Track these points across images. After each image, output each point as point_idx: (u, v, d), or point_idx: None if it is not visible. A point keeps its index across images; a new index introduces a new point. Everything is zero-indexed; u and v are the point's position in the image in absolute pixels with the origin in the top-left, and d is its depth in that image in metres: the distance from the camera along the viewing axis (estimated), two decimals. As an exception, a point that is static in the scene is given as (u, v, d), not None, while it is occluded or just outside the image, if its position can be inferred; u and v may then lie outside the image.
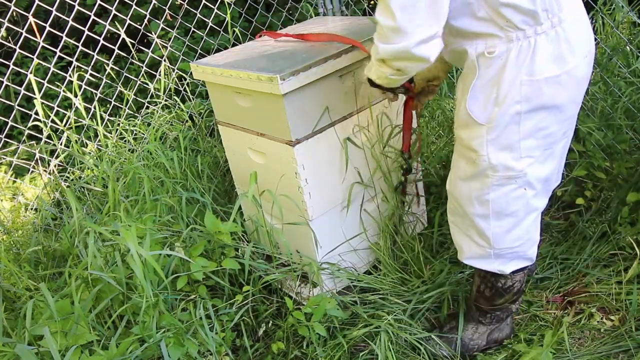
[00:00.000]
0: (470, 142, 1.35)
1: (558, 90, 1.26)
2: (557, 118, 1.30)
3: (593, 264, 1.90)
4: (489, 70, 1.27)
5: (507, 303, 1.59)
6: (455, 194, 1.47)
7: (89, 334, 1.49)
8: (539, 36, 1.22)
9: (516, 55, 1.24)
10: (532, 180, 1.35)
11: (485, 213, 1.41)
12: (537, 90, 1.24)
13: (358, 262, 1.93)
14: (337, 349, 1.69)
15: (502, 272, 1.50)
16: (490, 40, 1.25)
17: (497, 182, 1.35)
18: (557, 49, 1.23)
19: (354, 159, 1.79)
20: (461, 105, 1.34)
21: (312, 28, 1.99)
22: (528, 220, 1.43)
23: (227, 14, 2.71)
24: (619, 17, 2.58)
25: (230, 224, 1.75)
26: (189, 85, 3.01)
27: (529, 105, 1.26)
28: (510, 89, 1.25)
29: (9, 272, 1.82)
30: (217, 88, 1.83)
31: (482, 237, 1.46)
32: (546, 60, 1.23)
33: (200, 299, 1.69)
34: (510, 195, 1.37)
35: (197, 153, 2.60)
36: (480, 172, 1.36)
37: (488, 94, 1.28)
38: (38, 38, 2.49)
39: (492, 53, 1.25)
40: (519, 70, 1.24)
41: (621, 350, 1.60)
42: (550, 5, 1.20)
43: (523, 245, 1.46)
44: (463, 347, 1.67)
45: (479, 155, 1.34)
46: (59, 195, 2.65)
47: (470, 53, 1.29)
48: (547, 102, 1.26)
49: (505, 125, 1.28)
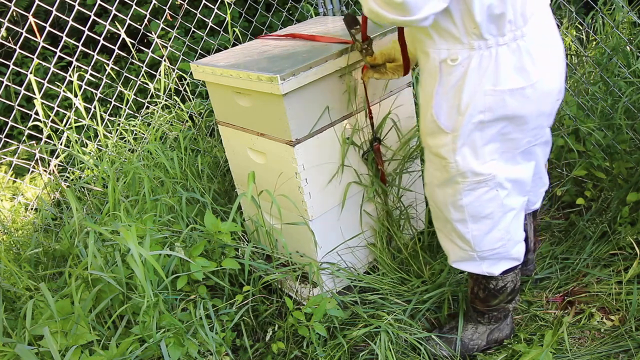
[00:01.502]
0: (438, 149, 1.36)
1: (523, 103, 1.26)
2: (521, 128, 1.31)
3: (593, 264, 1.89)
4: (450, 78, 1.27)
5: (502, 303, 1.60)
6: (433, 199, 1.48)
7: (89, 334, 1.49)
8: (501, 47, 1.22)
9: (477, 63, 1.23)
10: (502, 181, 1.36)
11: (462, 218, 1.42)
12: (500, 101, 1.25)
13: (358, 262, 1.93)
14: (337, 349, 1.69)
15: (492, 274, 1.51)
16: (453, 46, 1.24)
17: (469, 187, 1.36)
18: (519, 60, 1.23)
19: (353, 159, 1.79)
20: (427, 113, 1.34)
21: (312, 28, 1.99)
22: (505, 220, 1.43)
23: (227, 14, 2.71)
24: (619, 17, 2.58)
25: (230, 224, 1.75)
26: (189, 85, 3.01)
27: (493, 115, 1.26)
28: (473, 98, 1.25)
29: (9, 272, 1.82)
30: (217, 88, 1.83)
31: (463, 240, 1.47)
32: (509, 72, 1.23)
33: (201, 299, 1.69)
34: (483, 198, 1.38)
35: (197, 153, 2.60)
36: (451, 178, 1.38)
37: (452, 102, 1.29)
38: (38, 38, 2.49)
39: (455, 61, 1.25)
40: (481, 80, 1.24)
41: (621, 350, 1.60)
42: (515, 17, 1.20)
43: (505, 246, 1.46)
44: (463, 347, 1.67)
45: (447, 163, 1.35)
46: (59, 195, 2.66)
47: (433, 58, 1.29)
48: (511, 113, 1.27)
49: (469, 133, 1.29)
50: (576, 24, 2.85)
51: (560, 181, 2.16)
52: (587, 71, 2.42)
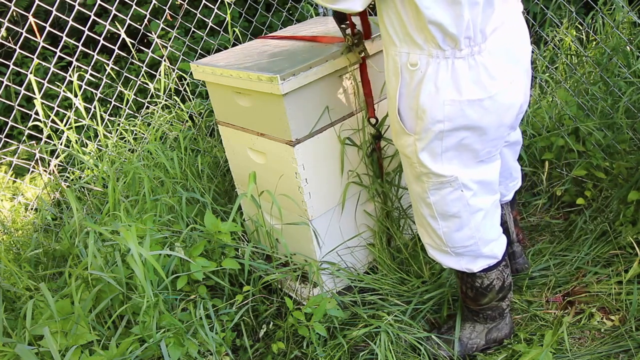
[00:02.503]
0: (403, 149, 1.39)
1: (482, 115, 1.26)
2: (481, 139, 1.31)
3: (593, 264, 1.89)
4: (410, 82, 1.29)
5: (494, 301, 1.60)
6: (410, 193, 1.51)
7: (89, 334, 1.49)
8: (457, 60, 1.22)
9: (434, 71, 1.24)
10: (466, 182, 1.37)
11: (432, 214, 1.44)
12: (459, 111, 1.25)
13: (358, 262, 1.93)
14: (337, 349, 1.69)
15: (470, 271, 1.52)
16: (413, 51, 1.25)
17: (433, 186, 1.38)
18: (475, 74, 1.23)
19: (353, 159, 1.79)
20: (393, 113, 1.36)
21: (312, 28, 1.99)
22: (475, 219, 1.43)
23: (227, 14, 2.71)
24: (619, 17, 2.58)
25: (230, 224, 1.75)
26: (189, 85, 3.01)
27: (452, 125, 1.27)
28: (431, 107, 1.26)
29: (9, 272, 1.82)
30: (217, 88, 1.83)
31: (436, 235, 1.49)
32: (467, 83, 1.23)
33: (201, 299, 1.69)
34: (448, 197, 1.39)
35: (197, 153, 2.60)
36: (417, 176, 1.40)
37: (411, 105, 1.31)
38: (38, 38, 2.49)
39: (414, 66, 1.26)
40: (438, 89, 1.24)
41: (621, 350, 1.60)
42: (474, 34, 1.20)
43: (476, 244, 1.47)
44: (462, 346, 1.67)
45: (412, 162, 1.38)
46: (59, 195, 2.66)
47: (395, 60, 1.31)
48: (470, 124, 1.27)
49: (430, 140, 1.31)
50: (576, 24, 2.85)
51: (560, 181, 2.16)
52: (587, 71, 2.42)
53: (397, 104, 1.33)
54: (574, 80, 2.38)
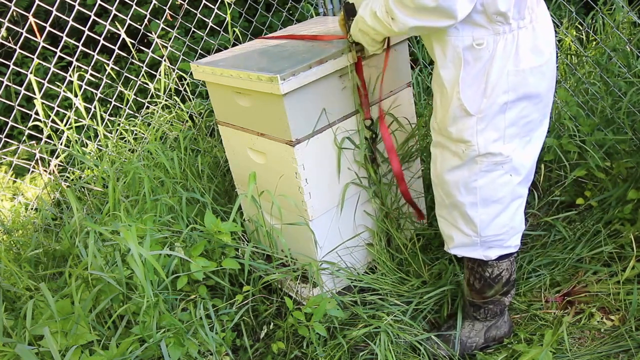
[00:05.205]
0: (461, 134, 1.39)
1: (540, 80, 1.33)
2: (537, 106, 1.38)
3: (593, 264, 1.90)
4: (477, 63, 1.31)
5: (498, 295, 1.61)
6: (441, 186, 1.52)
7: (89, 334, 1.49)
8: (521, 30, 1.28)
9: (503, 47, 1.29)
10: (518, 165, 1.41)
11: (473, 201, 1.46)
12: (523, 80, 1.31)
13: (357, 262, 1.93)
14: (337, 349, 1.69)
15: (488, 258, 1.54)
16: (477, 32, 1.29)
17: (486, 167, 1.41)
18: (534, 41, 1.31)
19: (353, 159, 1.79)
20: (453, 99, 1.37)
21: (312, 28, 1.99)
22: (513, 207, 1.48)
23: (227, 14, 2.71)
24: (619, 17, 2.58)
25: (230, 224, 1.75)
26: (189, 85, 3.01)
27: (516, 95, 1.32)
28: (498, 80, 1.30)
29: (9, 272, 1.82)
30: (217, 88, 1.83)
31: (469, 225, 1.50)
32: (528, 52, 1.30)
33: (201, 299, 1.69)
34: (498, 181, 1.42)
35: (197, 153, 2.60)
36: (469, 160, 1.41)
37: (477, 86, 1.33)
38: (38, 38, 2.49)
39: (481, 45, 1.29)
40: (505, 62, 1.29)
41: (621, 350, 1.60)
42: (531, 2, 1.28)
43: (507, 233, 1.51)
44: (461, 345, 1.67)
45: (469, 146, 1.39)
46: (59, 195, 2.66)
47: (455, 45, 1.32)
48: (530, 91, 1.33)
49: (494, 115, 1.34)
50: (576, 24, 2.85)
51: (560, 182, 2.16)
52: (587, 71, 2.42)
53: (459, 89, 1.34)
54: (574, 80, 2.38)
